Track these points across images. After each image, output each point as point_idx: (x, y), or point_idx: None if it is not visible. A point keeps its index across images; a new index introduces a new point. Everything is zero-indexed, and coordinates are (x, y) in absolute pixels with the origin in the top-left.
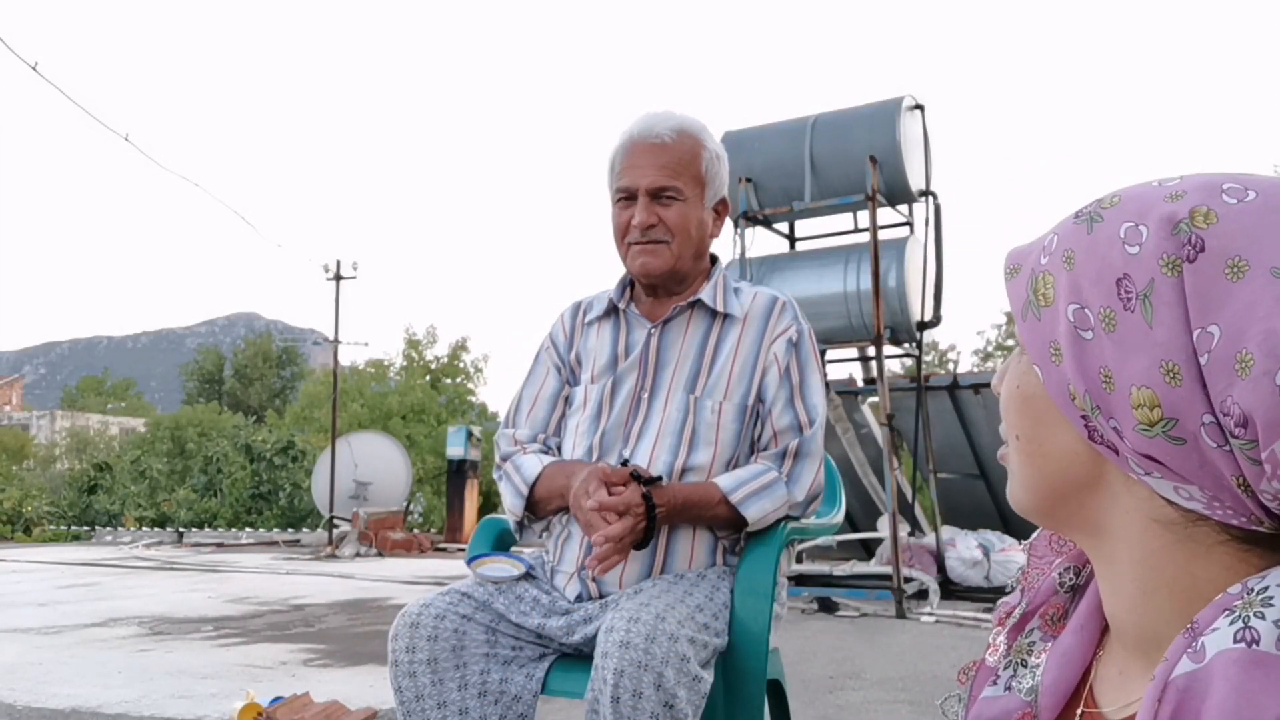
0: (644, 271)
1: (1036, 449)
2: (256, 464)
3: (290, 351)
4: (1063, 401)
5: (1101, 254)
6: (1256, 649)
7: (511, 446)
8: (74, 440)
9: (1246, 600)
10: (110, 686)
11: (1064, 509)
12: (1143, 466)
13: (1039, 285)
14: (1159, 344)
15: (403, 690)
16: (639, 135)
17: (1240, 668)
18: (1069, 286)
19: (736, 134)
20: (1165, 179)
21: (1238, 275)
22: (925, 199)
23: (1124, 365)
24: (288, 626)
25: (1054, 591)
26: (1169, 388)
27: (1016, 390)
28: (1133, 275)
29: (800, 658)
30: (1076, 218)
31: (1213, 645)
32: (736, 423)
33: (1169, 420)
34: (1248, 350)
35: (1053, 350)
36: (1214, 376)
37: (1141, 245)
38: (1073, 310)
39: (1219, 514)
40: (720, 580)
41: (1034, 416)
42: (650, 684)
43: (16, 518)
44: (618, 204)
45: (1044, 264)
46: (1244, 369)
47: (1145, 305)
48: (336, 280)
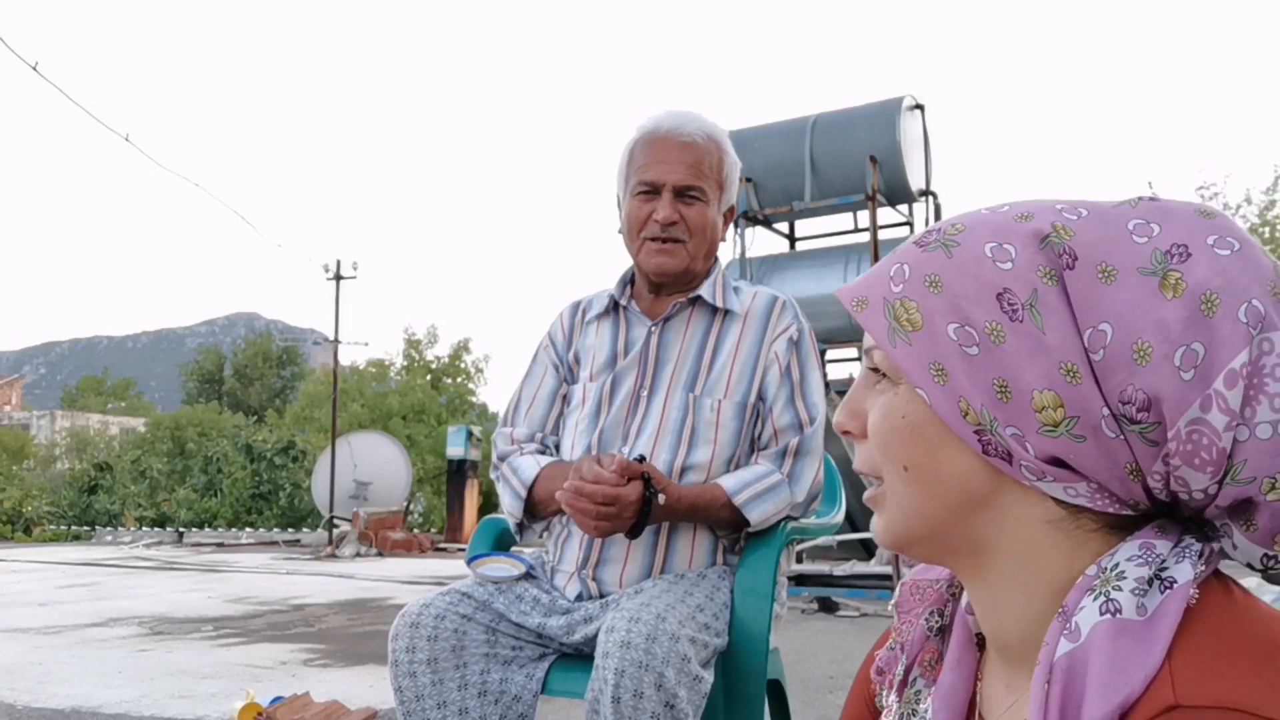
0: (659, 270)
1: (931, 475)
2: (256, 464)
3: (290, 351)
4: (954, 420)
5: (973, 274)
6: (1120, 617)
7: (509, 446)
8: (74, 440)
9: (1104, 577)
10: (110, 686)
11: (950, 533)
12: (1036, 472)
13: (899, 312)
14: (1054, 348)
15: (403, 690)
16: (668, 130)
17: (1109, 637)
18: (945, 307)
19: (736, 134)
20: (995, 207)
21: (1110, 279)
22: (925, 199)
23: (1021, 373)
24: (288, 626)
25: (925, 638)
26: (1070, 387)
27: (902, 421)
28: (1013, 288)
29: (800, 658)
30: (923, 247)
31: (1085, 622)
32: (736, 421)
33: (1072, 418)
34: (1144, 340)
35: (934, 370)
36: (1110, 369)
37: (1014, 261)
38: (954, 329)
39: (1099, 504)
40: (720, 580)
41: (924, 443)
42: (651, 684)
43: (16, 518)
44: (637, 196)
45: (899, 291)
46: (1144, 357)
47: (1034, 314)
48: (336, 280)
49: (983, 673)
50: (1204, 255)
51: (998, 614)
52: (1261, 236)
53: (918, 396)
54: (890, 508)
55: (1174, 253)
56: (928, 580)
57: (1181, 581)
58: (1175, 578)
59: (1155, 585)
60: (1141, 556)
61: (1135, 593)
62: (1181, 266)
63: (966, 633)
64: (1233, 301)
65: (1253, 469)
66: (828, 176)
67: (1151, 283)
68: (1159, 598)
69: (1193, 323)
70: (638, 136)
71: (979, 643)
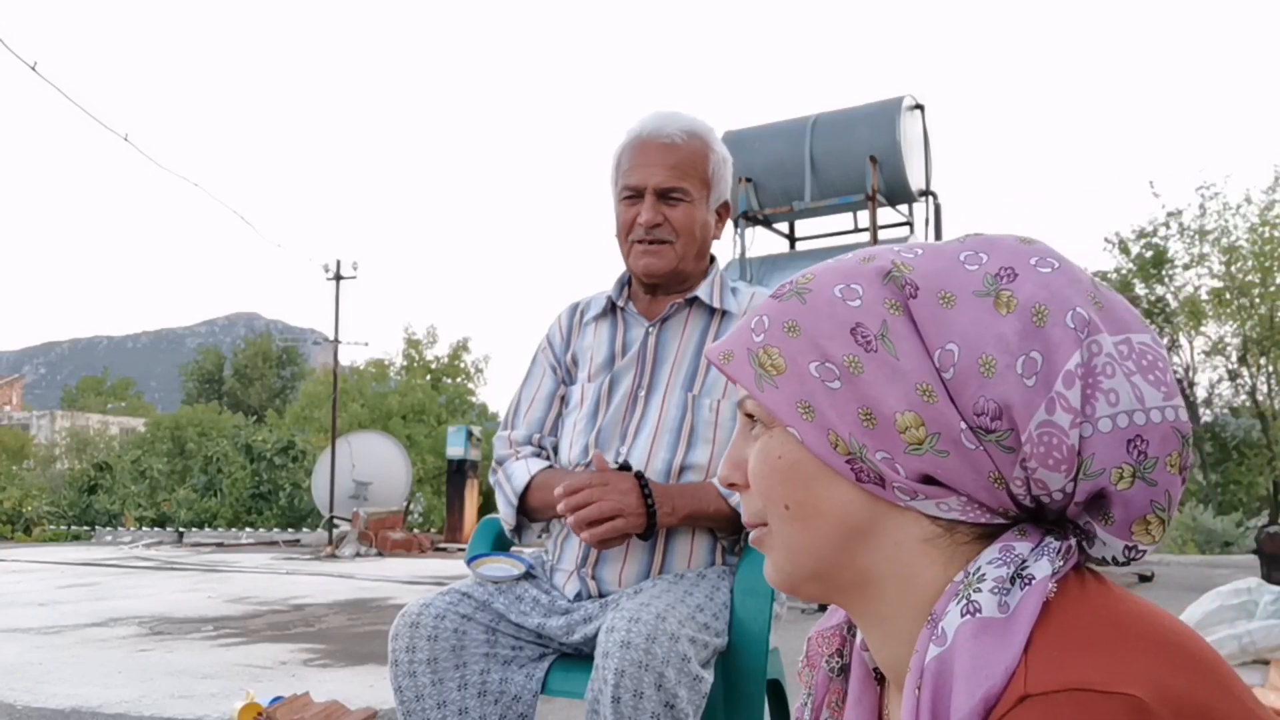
0: (647, 271)
1: (811, 510)
2: (256, 464)
3: (290, 351)
4: (825, 453)
5: (827, 314)
6: (980, 616)
7: (506, 450)
8: (74, 440)
9: (967, 581)
10: (110, 686)
11: (835, 568)
12: (909, 492)
13: (763, 359)
14: (909, 371)
15: (403, 690)
16: (649, 134)
17: (972, 637)
18: (804, 348)
19: (736, 134)
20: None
21: (950, 303)
22: (925, 199)
23: (882, 399)
24: (288, 626)
25: (829, 679)
26: (928, 405)
27: (779, 461)
28: (864, 322)
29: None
30: (778, 299)
31: (950, 626)
32: (735, 420)
33: (934, 434)
34: (988, 354)
35: (802, 409)
36: (962, 385)
37: (862, 298)
38: (815, 366)
39: (971, 515)
40: (720, 580)
41: (802, 481)
42: (651, 684)
43: (16, 518)
44: (623, 201)
45: (760, 341)
46: (989, 370)
47: (886, 343)
48: (336, 280)
49: (887, 705)
50: (1029, 274)
51: (891, 643)
52: (1261, 236)
53: (790, 436)
54: (776, 549)
55: (1002, 275)
56: (830, 628)
57: (1040, 578)
58: (1034, 574)
59: (1017, 584)
60: (1001, 558)
61: (994, 592)
62: (1011, 286)
63: (864, 669)
64: (1060, 311)
65: (1101, 461)
66: (828, 176)
67: (986, 303)
68: (1019, 594)
69: (1027, 334)
70: (624, 141)
71: (878, 678)
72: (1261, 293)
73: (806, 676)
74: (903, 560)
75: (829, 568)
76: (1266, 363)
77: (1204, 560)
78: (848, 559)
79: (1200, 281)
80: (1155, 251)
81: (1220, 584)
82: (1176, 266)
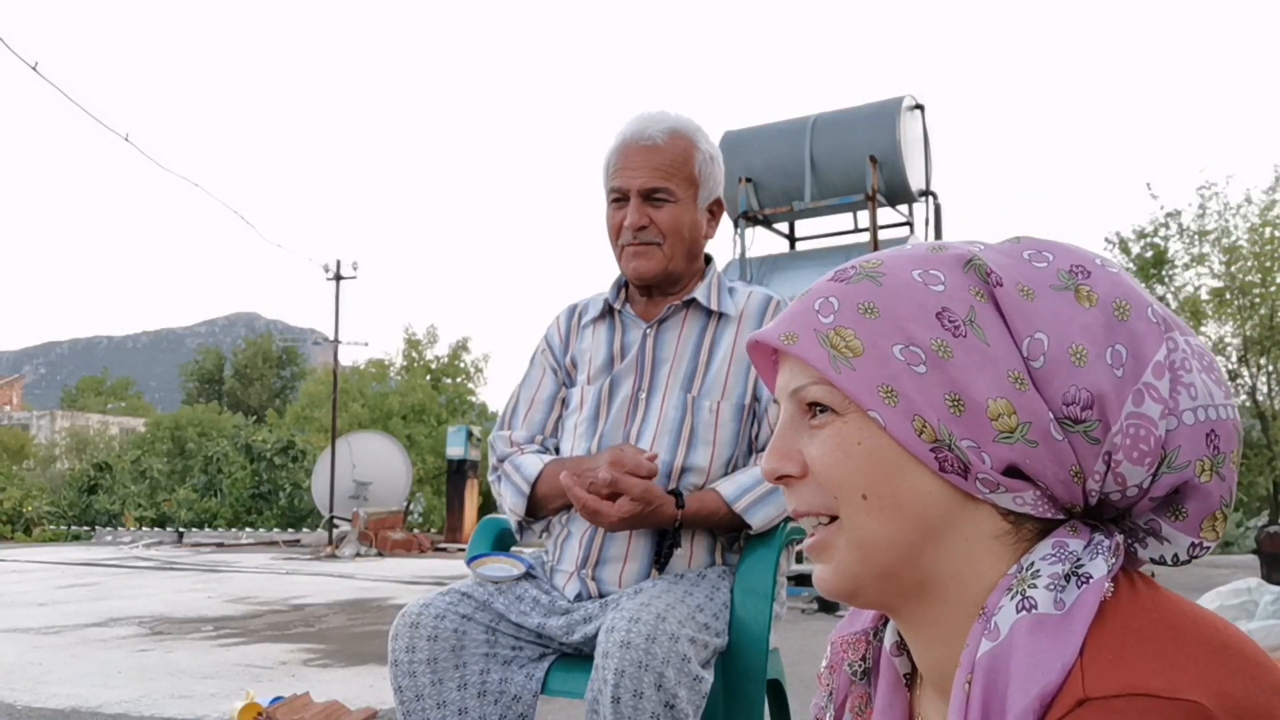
0: (636, 274)
1: (891, 501)
2: (256, 464)
3: (290, 351)
4: (909, 439)
5: (908, 297)
6: (1036, 612)
7: (508, 448)
8: (74, 440)
9: (1021, 577)
10: (110, 686)
11: (904, 566)
12: (990, 484)
13: (836, 340)
14: (999, 358)
15: (403, 690)
16: (632, 136)
17: (1026, 632)
18: (886, 330)
19: (736, 134)
20: (897, 248)
21: (1030, 296)
22: (925, 199)
23: (972, 385)
24: (288, 626)
25: (851, 683)
26: (1019, 393)
27: (857, 448)
28: (951, 307)
29: (800, 658)
30: (844, 281)
31: (1004, 621)
32: (735, 422)
33: (1025, 424)
34: (1078, 343)
35: (884, 393)
36: (1051, 374)
37: (944, 284)
38: (899, 349)
39: (1041, 510)
40: (720, 580)
41: (883, 469)
42: (651, 684)
43: (16, 518)
44: (611, 205)
45: (829, 322)
46: (1080, 359)
47: (975, 329)
48: (336, 280)
49: (917, 711)
50: (1100, 273)
51: (939, 645)
52: (1262, 237)
53: (870, 421)
54: (844, 546)
55: (1075, 271)
56: (853, 633)
57: (1097, 576)
58: (1091, 573)
59: (1073, 581)
60: (1055, 554)
61: (1050, 589)
62: (1088, 282)
63: (894, 674)
64: (1140, 306)
65: (1186, 454)
66: (828, 176)
67: (1067, 296)
68: (1076, 592)
69: (1111, 326)
70: (611, 145)
71: (908, 683)
72: (1261, 293)
73: (827, 679)
74: (970, 557)
75: (899, 566)
76: (1266, 363)
77: (1204, 560)
78: (917, 556)
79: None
80: (1155, 251)
81: (1220, 584)
82: (1176, 267)
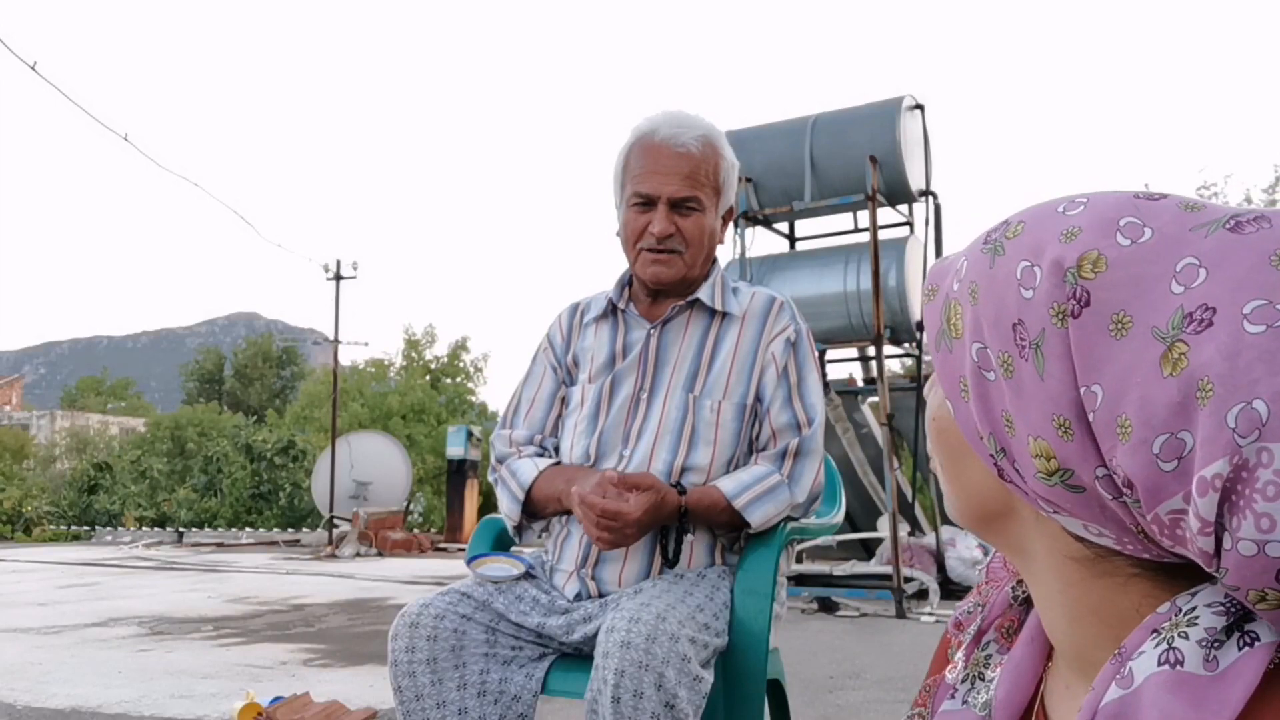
0: (655, 280)
1: (955, 479)
2: (256, 464)
3: (290, 351)
4: (972, 438)
5: (999, 294)
6: (1181, 669)
7: (507, 448)
8: (74, 440)
9: (1174, 621)
10: (110, 686)
11: (990, 531)
12: (1050, 507)
13: (951, 315)
14: (1050, 397)
15: (402, 690)
16: (663, 139)
17: (1165, 690)
18: (973, 323)
19: (736, 134)
20: (1072, 200)
21: (1122, 332)
22: (925, 199)
23: (1022, 413)
24: (288, 626)
25: (1008, 604)
26: (1061, 441)
27: (933, 421)
28: (1026, 322)
29: (800, 658)
30: (985, 243)
31: (1140, 670)
32: (736, 422)
33: (1065, 470)
34: (1126, 415)
35: (961, 386)
36: (1101, 434)
37: (1035, 290)
38: (976, 349)
39: (1130, 549)
40: (720, 580)
41: (949, 448)
42: (651, 684)
43: (16, 518)
44: (633, 208)
45: (955, 291)
46: (1124, 434)
47: (1038, 355)
48: (336, 280)
49: (1054, 657)
50: (1225, 327)
51: (1046, 617)
52: None
53: (947, 404)
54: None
55: (1194, 317)
56: None
57: (1265, 640)
58: (1259, 634)
59: (1234, 639)
60: (1224, 605)
61: (1203, 644)
62: (1193, 339)
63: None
64: (1230, 398)
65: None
66: (828, 176)
67: (1157, 350)
68: (1235, 654)
69: (1182, 410)
70: (633, 141)
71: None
72: None
73: (984, 590)
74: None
75: (983, 529)
76: None
77: None
78: (1000, 528)
79: None
80: None
81: None
82: None
